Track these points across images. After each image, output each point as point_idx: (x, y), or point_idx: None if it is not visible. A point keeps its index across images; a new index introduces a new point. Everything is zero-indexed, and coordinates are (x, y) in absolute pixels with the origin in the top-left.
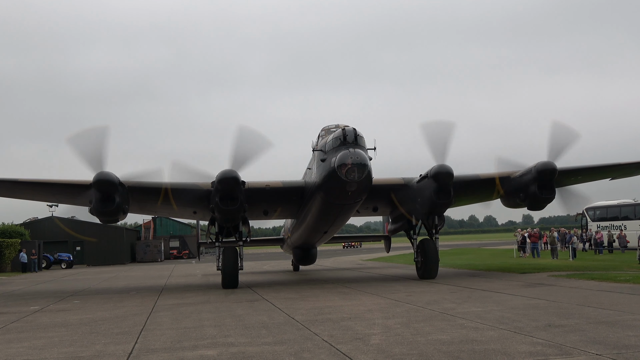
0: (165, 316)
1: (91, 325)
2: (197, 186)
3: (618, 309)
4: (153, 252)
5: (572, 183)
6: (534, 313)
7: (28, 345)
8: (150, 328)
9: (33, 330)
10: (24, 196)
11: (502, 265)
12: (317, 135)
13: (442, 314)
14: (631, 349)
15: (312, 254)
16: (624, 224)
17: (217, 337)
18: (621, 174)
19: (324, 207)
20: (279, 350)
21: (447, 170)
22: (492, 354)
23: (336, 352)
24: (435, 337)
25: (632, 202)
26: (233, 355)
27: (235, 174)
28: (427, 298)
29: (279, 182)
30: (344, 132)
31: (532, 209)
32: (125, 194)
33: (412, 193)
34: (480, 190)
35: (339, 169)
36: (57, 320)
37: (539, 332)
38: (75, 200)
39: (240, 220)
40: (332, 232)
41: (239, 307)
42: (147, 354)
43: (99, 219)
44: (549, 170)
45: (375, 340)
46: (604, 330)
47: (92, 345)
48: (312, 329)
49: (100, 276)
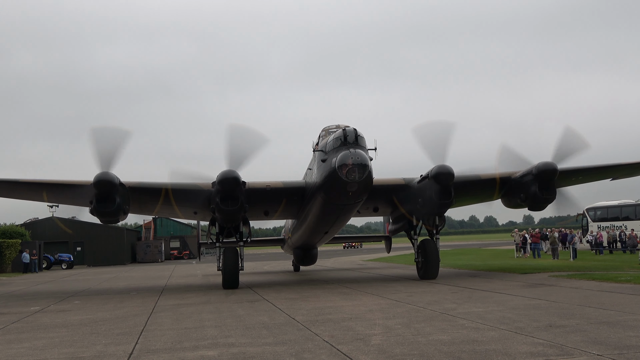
0: (166, 317)
1: (92, 326)
2: (197, 187)
3: (619, 309)
4: (153, 252)
5: (573, 183)
6: (535, 313)
7: (28, 346)
8: (151, 328)
9: (33, 330)
10: (24, 197)
11: (502, 265)
12: (318, 136)
13: (443, 314)
14: (632, 349)
15: (312, 254)
16: (625, 225)
17: (217, 337)
18: (622, 174)
19: (325, 207)
20: (280, 351)
21: (448, 171)
22: (493, 354)
23: (337, 352)
24: (436, 338)
25: (633, 203)
26: (234, 355)
27: (236, 174)
28: (428, 298)
29: (280, 183)
30: (344, 133)
31: (533, 209)
32: (126, 194)
33: (413, 193)
34: (481, 190)
35: (340, 170)
36: (57, 320)
37: (540, 333)
38: (76, 200)
39: (240, 221)
40: (332, 232)
41: (239, 308)
42: (148, 355)
43: (100, 220)
44: (549, 170)
45: (376, 340)
46: (605, 330)
47: (93, 346)
48: (312, 330)
49: (101, 277)
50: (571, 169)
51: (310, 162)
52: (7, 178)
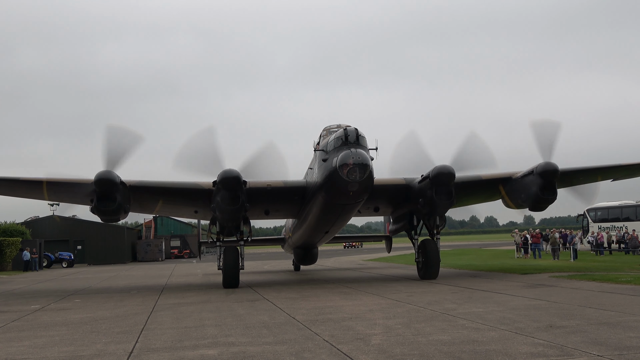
0: (166, 315)
1: (92, 324)
2: (198, 186)
3: (619, 310)
4: (154, 251)
5: (574, 184)
6: (535, 314)
7: (29, 344)
8: (151, 327)
9: (34, 329)
10: (25, 195)
11: (503, 265)
12: (319, 135)
13: (443, 314)
14: (632, 350)
15: (313, 253)
16: (625, 225)
17: (217, 336)
18: (623, 174)
19: (325, 207)
20: (280, 350)
21: (449, 171)
22: (493, 354)
23: (337, 352)
24: (436, 338)
25: (634, 203)
26: (234, 354)
27: (237, 173)
28: (428, 298)
29: (281, 182)
30: (345, 132)
31: (534, 209)
32: (127, 193)
33: (413, 193)
34: (482, 190)
35: (341, 169)
36: (57, 319)
37: (540, 333)
38: (77, 199)
39: (241, 220)
40: (333, 232)
41: (239, 307)
42: (148, 353)
43: (100, 218)
44: (550, 171)
45: (376, 340)
46: (605, 331)
47: (93, 344)
48: (313, 329)
49: (101, 275)
50: (572, 170)
51: (311, 161)
52: (8, 176)
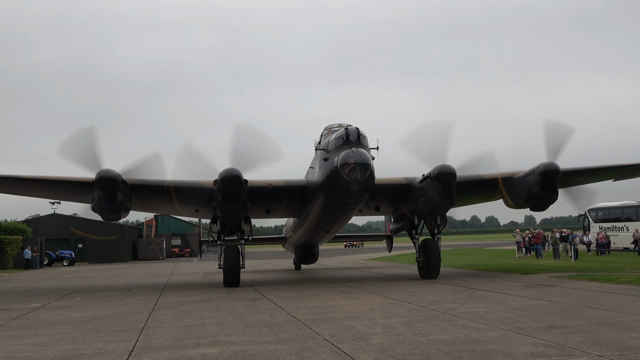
0: (167, 314)
1: (93, 323)
2: (199, 184)
3: (620, 310)
4: (155, 250)
5: (575, 184)
6: (536, 314)
7: (29, 342)
8: (152, 326)
9: (34, 327)
10: (26, 193)
11: (503, 265)
12: (320, 134)
13: (444, 314)
14: (633, 350)
15: (313, 253)
16: (626, 226)
17: (218, 335)
18: (625, 175)
19: (326, 206)
20: (280, 349)
21: (450, 171)
22: (493, 354)
23: (337, 351)
24: (436, 337)
25: (635, 204)
26: (234, 353)
27: (238, 172)
28: (429, 298)
29: (282, 181)
30: (346, 132)
31: (535, 209)
32: (128, 191)
33: (414, 193)
34: (483, 190)
35: (342, 168)
36: (58, 317)
37: (541, 333)
38: (78, 197)
39: (242, 219)
40: (334, 231)
41: (240, 306)
42: (149, 352)
43: (101, 217)
44: (551, 171)
45: (377, 339)
46: (606, 331)
47: (94, 343)
48: (313, 328)
49: (102, 274)
50: (573, 170)
51: (312, 160)
52: (8, 174)
